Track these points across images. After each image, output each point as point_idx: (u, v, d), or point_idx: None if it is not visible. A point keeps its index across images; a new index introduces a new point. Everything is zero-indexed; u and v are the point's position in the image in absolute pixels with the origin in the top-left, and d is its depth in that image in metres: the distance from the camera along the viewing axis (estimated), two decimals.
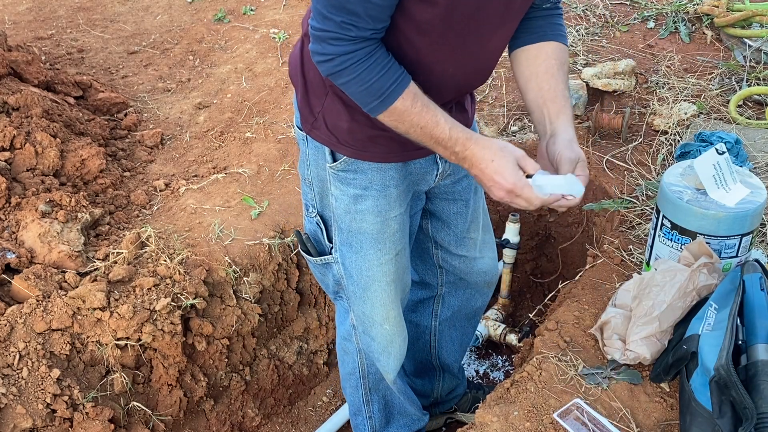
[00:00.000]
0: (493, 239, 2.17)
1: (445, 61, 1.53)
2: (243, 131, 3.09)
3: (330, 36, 1.37)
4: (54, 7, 4.25)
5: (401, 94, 1.43)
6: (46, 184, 2.54)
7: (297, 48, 1.71)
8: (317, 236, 1.88)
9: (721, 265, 1.92)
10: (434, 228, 2.01)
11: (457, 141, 1.48)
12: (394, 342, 1.95)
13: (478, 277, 2.15)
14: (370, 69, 1.40)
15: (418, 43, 1.47)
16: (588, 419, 1.75)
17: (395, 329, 1.94)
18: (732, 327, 1.68)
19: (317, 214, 1.84)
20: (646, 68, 3.30)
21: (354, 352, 2.07)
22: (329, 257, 1.88)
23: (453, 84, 1.61)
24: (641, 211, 2.48)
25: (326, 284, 1.99)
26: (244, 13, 4.09)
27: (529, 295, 3.19)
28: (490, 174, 1.48)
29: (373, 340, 1.96)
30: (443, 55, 1.52)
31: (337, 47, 1.38)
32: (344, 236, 1.80)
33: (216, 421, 2.49)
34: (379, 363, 2.02)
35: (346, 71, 1.40)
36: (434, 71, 1.54)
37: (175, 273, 2.29)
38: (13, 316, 2.12)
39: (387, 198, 1.73)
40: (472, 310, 2.27)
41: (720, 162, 1.91)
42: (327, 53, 1.40)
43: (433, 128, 1.47)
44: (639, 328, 1.86)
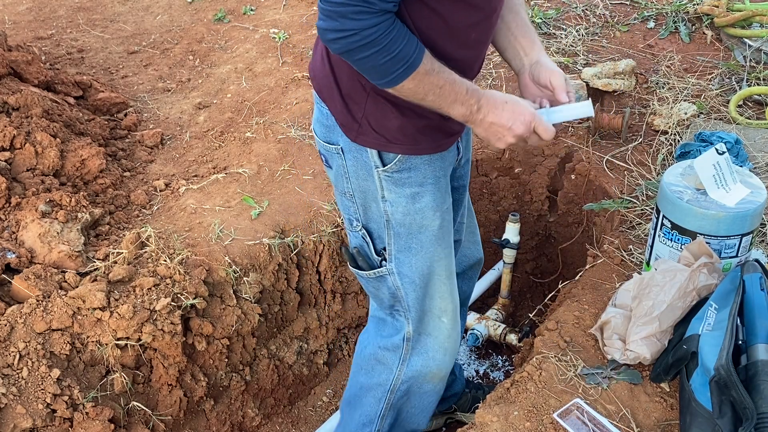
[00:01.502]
0: (474, 222, 2.19)
1: (473, 25, 1.54)
2: (243, 131, 3.09)
3: (352, 10, 1.34)
4: (54, 7, 4.25)
5: (423, 58, 1.43)
6: (46, 184, 2.54)
7: (320, 58, 1.66)
8: (364, 250, 1.85)
9: (721, 265, 1.92)
10: None
11: (473, 94, 1.52)
12: (451, 336, 1.95)
13: (462, 262, 2.15)
14: (395, 39, 1.39)
15: (447, 10, 1.47)
16: (588, 419, 1.75)
17: (452, 323, 1.93)
18: (732, 327, 1.68)
19: (362, 227, 1.81)
20: (646, 68, 3.30)
21: (394, 364, 1.97)
22: (383, 269, 1.83)
23: (480, 52, 1.64)
24: (641, 211, 2.48)
25: (381, 299, 1.91)
26: (244, 13, 4.09)
27: (529, 295, 3.19)
28: (508, 114, 1.54)
29: (430, 337, 1.92)
30: (472, 18, 1.52)
31: (360, 21, 1.35)
32: (403, 242, 1.77)
33: (216, 421, 2.49)
34: (433, 362, 1.95)
35: (370, 44, 1.37)
36: (469, 39, 1.56)
37: (175, 273, 2.29)
38: (13, 316, 2.12)
39: (440, 190, 1.74)
40: (461, 300, 2.25)
41: (720, 162, 1.91)
42: (347, 29, 1.36)
43: (452, 86, 1.49)
44: (639, 328, 1.86)
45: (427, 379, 1.98)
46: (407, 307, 1.87)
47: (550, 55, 3.37)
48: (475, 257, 2.22)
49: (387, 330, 1.97)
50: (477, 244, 2.21)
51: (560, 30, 3.61)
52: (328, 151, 1.74)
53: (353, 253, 1.86)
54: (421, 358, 1.95)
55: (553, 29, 3.62)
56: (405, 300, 1.86)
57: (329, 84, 1.63)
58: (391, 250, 1.79)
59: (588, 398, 1.81)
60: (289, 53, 3.64)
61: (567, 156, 2.91)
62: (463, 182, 1.97)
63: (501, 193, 3.06)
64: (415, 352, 1.95)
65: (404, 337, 1.92)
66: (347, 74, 1.57)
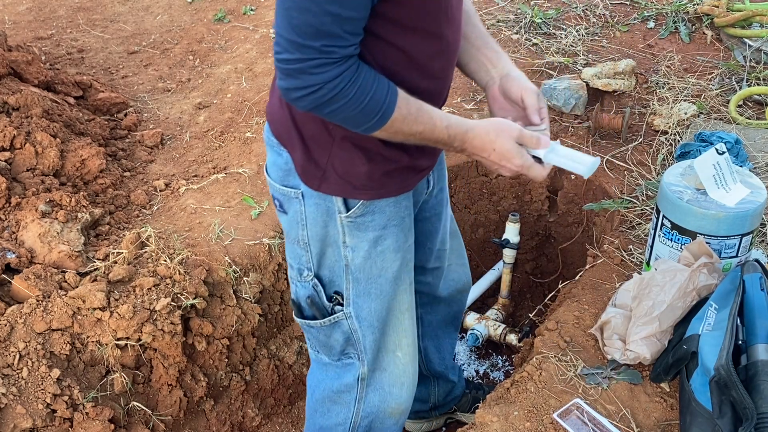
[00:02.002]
0: (461, 245, 2.12)
1: (436, 55, 1.47)
2: (243, 131, 3.09)
3: (311, 65, 1.27)
4: (54, 7, 4.25)
5: (396, 102, 1.37)
6: (46, 184, 2.54)
7: (278, 101, 1.57)
8: (315, 300, 1.75)
9: (721, 265, 1.92)
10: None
11: (455, 138, 1.46)
12: (407, 371, 1.88)
13: (449, 287, 2.10)
14: (362, 87, 1.32)
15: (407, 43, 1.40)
16: (588, 419, 1.75)
17: (409, 357, 1.87)
18: (732, 327, 1.68)
19: (314, 276, 1.72)
20: (646, 68, 3.30)
21: (351, 404, 1.89)
22: (338, 315, 1.74)
23: (446, 80, 1.57)
24: (641, 211, 2.48)
25: (330, 346, 1.82)
26: (244, 13, 4.09)
27: (529, 295, 3.19)
28: (495, 160, 1.49)
29: (385, 372, 1.85)
30: (433, 47, 1.45)
31: (322, 75, 1.28)
32: (362, 287, 1.70)
33: (216, 421, 2.49)
34: (390, 396, 1.88)
35: (337, 97, 1.30)
36: (433, 69, 1.49)
37: (175, 273, 2.29)
38: (13, 316, 2.12)
39: (404, 230, 1.69)
40: (451, 317, 2.22)
41: (720, 162, 1.91)
42: (310, 85, 1.28)
43: (432, 131, 1.43)
44: (639, 328, 1.86)
45: (387, 414, 1.91)
46: (363, 349, 1.80)
47: (550, 55, 3.37)
48: (463, 281, 2.16)
49: (336, 372, 1.88)
50: (465, 266, 2.15)
51: (560, 30, 3.61)
52: (285, 195, 1.64)
53: (307, 303, 1.75)
54: (377, 395, 1.88)
55: (553, 29, 3.62)
56: (362, 342, 1.79)
57: (288, 129, 1.55)
58: (349, 295, 1.72)
59: (588, 398, 1.81)
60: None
61: None
62: (437, 211, 1.90)
63: (501, 193, 3.06)
64: (371, 389, 1.87)
65: (358, 377, 1.85)
66: (311, 119, 1.49)
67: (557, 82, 3.07)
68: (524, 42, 3.51)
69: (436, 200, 1.89)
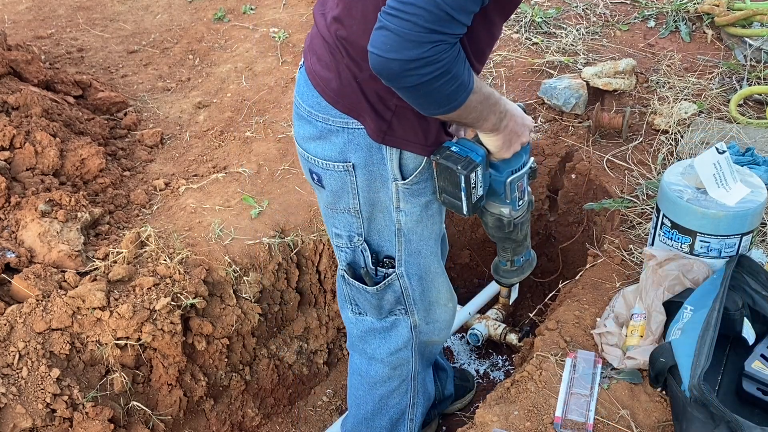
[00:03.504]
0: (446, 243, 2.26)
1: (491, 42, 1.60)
2: (243, 130, 3.09)
3: (449, 39, 1.30)
4: (54, 7, 4.25)
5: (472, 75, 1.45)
6: (46, 184, 2.53)
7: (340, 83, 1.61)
8: (361, 263, 1.88)
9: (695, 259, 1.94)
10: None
11: (499, 101, 1.57)
12: (450, 313, 2.08)
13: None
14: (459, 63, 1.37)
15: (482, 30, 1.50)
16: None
17: (451, 302, 2.07)
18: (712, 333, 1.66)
19: (363, 240, 1.84)
20: (647, 67, 3.30)
21: (409, 358, 2.07)
22: (391, 278, 1.88)
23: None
24: (642, 210, 2.48)
25: (380, 307, 1.96)
26: (244, 12, 4.09)
27: (530, 295, 3.19)
28: (520, 122, 1.66)
29: (437, 323, 2.04)
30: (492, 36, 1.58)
31: (449, 51, 1.32)
32: (413, 246, 1.83)
33: (216, 421, 2.49)
34: (438, 335, 2.09)
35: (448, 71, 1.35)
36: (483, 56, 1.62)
37: (175, 272, 2.29)
38: (13, 316, 2.12)
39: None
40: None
41: (720, 161, 1.91)
42: (439, 59, 1.31)
43: (489, 97, 1.53)
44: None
45: (433, 342, 2.13)
46: (413, 302, 1.95)
47: (551, 54, 3.37)
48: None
49: (386, 333, 2.03)
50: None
51: (560, 29, 3.61)
52: (328, 170, 1.73)
53: (363, 273, 1.89)
54: (427, 337, 2.07)
55: (554, 28, 3.61)
56: (411, 297, 1.94)
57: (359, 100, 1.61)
58: (401, 256, 1.85)
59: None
60: (289, 52, 3.64)
61: (567, 155, 2.91)
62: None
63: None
64: (423, 335, 2.05)
65: (410, 326, 2.00)
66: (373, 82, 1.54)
67: (557, 82, 3.07)
68: (524, 41, 3.50)
69: None
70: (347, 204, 1.78)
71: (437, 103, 1.42)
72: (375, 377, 2.11)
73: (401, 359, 2.07)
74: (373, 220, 1.80)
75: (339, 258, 1.93)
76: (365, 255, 1.86)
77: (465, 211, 1.68)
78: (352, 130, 1.64)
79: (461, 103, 1.43)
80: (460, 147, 1.65)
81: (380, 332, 2.03)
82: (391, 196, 1.74)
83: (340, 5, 1.55)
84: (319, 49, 1.65)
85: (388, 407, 2.17)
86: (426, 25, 1.27)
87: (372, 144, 1.65)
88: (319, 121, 1.67)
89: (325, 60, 1.63)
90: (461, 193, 1.64)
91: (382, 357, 2.06)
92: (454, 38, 1.31)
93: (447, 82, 1.36)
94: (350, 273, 1.92)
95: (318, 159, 1.73)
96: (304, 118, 1.71)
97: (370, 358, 2.09)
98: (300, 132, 1.75)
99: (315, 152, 1.72)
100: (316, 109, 1.67)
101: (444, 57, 1.31)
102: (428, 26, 1.27)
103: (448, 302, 2.04)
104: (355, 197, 1.75)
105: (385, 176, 1.70)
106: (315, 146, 1.71)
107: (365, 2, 1.47)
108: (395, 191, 1.73)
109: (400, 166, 1.68)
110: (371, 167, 1.69)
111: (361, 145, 1.65)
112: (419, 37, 1.28)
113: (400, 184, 1.71)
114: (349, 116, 1.63)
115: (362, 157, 1.67)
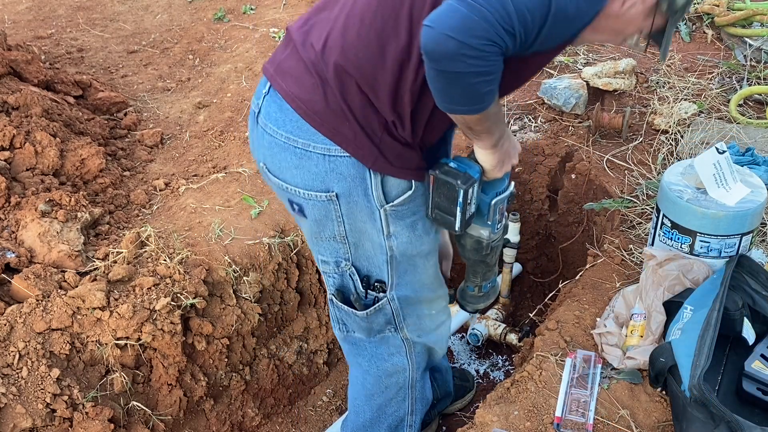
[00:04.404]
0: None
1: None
2: (243, 130, 3.09)
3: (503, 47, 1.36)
4: (53, 7, 4.25)
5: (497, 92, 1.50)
6: (46, 184, 2.53)
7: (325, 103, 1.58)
8: (350, 288, 1.85)
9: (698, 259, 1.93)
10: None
11: (503, 119, 1.63)
12: (445, 324, 2.06)
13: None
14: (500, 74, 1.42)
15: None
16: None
17: (444, 314, 2.05)
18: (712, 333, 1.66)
19: (351, 265, 1.81)
20: (647, 67, 3.30)
21: (405, 366, 2.05)
22: (381, 303, 1.85)
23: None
24: (642, 210, 2.48)
25: (370, 329, 1.94)
26: (244, 12, 4.09)
27: (530, 295, 3.19)
28: (514, 142, 1.74)
29: (430, 335, 2.01)
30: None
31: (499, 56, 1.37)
32: (402, 267, 1.81)
33: (216, 421, 2.49)
34: (437, 342, 2.07)
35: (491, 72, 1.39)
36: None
37: (175, 272, 2.29)
38: (13, 316, 2.12)
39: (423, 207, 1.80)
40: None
41: (720, 161, 1.91)
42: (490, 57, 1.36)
43: (501, 111, 1.62)
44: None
45: (433, 353, 2.11)
46: (403, 319, 1.92)
47: None
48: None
49: (376, 344, 2.00)
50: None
51: None
52: (309, 200, 1.69)
53: (354, 299, 1.86)
54: (422, 343, 2.03)
55: None
56: (401, 315, 1.91)
57: (342, 117, 1.58)
58: (392, 281, 1.82)
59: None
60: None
61: (567, 155, 2.91)
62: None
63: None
64: (417, 346, 2.02)
65: (401, 338, 1.97)
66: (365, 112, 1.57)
67: (557, 81, 3.07)
68: None
69: None
70: (332, 231, 1.74)
71: (467, 99, 1.43)
72: (371, 389, 2.10)
73: (396, 367, 2.04)
74: (361, 246, 1.77)
75: (327, 283, 1.90)
76: (354, 279, 1.83)
77: (457, 227, 1.69)
78: (334, 158, 1.61)
79: (486, 107, 1.46)
80: (457, 163, 1.68)
81: (370, 347, 2.01)
82: (380, 225, 1.71)
83: (339, 33, 1.54)
84: (295, 71, 1.60)
85: (386, 416, 2.15)
86: (495, 23, 1.31)
87: (355, 174, 1.62)
88: (298, 147, 1.62)
89: (305, 83, 1.59)
90: (457, 208, 1.66)
91: (376, 369, 2.05)
92: (506, 49, 1.35)
93: (486, 81, 1.39)
94: (339, 297, 1.88)
95: (298, 189, 1.68)
96: (279, 146, 1.65)
97: (365, 371, 2.07)
98: (275, 163, 1.69)
99: (294, 181, 1.67)
100: (295, 134, 1.62)
101: (494, 58, 1.35)
102: (498, 25, 1.31)
103: (441, 314, 2.01)
104: (341, 224, 1.72)
105: (371, 207, 1.68)
106: (294, 175, 1.66)
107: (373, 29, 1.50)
108: (383, 217, 1.70)
109: (384, 192, 1.66)
110: (356, 197, 1.66)
111: (344, 175, 1.62)
112: (486, 31, 1.31)
113: (388, 207, 1.68)
114: (332, 141, 1.59)
115: (345, 187, 1.64)
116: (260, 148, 1.72)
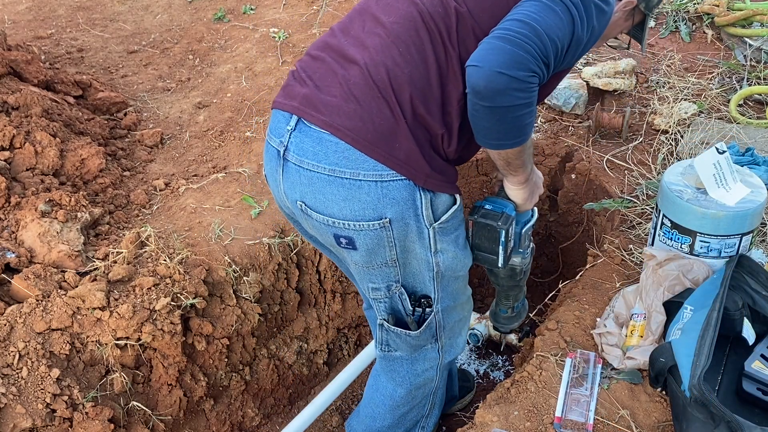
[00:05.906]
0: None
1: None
2: (243, 130, 3.09)
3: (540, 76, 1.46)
4: (53, 7, 4.25)
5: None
6: (46, 184, 2.53)
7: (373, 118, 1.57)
8: (400, 309, 1.84)
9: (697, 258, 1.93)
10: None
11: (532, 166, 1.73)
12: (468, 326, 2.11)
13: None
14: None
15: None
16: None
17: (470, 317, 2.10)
18: (712, 333, 1.66)
19: (401, 285, 1.80)
20: (647, 67, 3.30)
21: (434, 377, 2.06)
22: (430, 319, 1.86)
23: None
24: (642, 210, 2.48)
25: (417, 346, 1.94)
26: (244, 12, 4.09)
27: (530, 295, 3.19)
28: (539, 173, 1.82)
29: (460, 336, 2.04)
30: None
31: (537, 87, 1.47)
32: (446, 281, 1.82)
33: (216, 421, 2.49)
34: (459, 349, 2.08)
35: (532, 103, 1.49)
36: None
37: (175, 273, 2.29)
38: (13, 316, 2.12)
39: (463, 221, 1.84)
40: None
41: (720, 161, 1.91)
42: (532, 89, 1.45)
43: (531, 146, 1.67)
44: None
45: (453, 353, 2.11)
46: (442, 329, 1.93)
47: None
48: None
49: (414, 362, 2.01)
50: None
51: None
52: (362, 230, 1.64)
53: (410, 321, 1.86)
54: (450, 353, 2.05)
55: None
56: (441, 326, 1.92)
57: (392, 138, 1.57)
58: (438, 295, 1.83)
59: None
60: (289, 52, 3.63)
61: (567, 155, 2.91)
62: None
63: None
64: (447, 355, 2.03)
65: (438, 348, 1.98)
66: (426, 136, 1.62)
67: None
68: None
69: None
70: (384, 258, 1.72)
71: (513, 132, 1.51)
72: (399, 401, 2.11)
73: (426, 379, 2.06)
74: (408, 265, 1.76)
75: (378, 309, 1.87)
76: (402, 299, 1.82)
77: (500, 264, 1.73)
78: (386, 183, 1.58)
79: (525, 139, 1.54)
80: (492, 204, 1.73)
81: (407, 364, 2.02)
82: (428, 243, 1.71)
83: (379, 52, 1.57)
84: (332, 101, 1.58)
85: (405, 421, 2.17)
86: (536, 55, 1.42)
87: (407, 197, 1.61)
88: (346, 178, 1.58)
89: (346, 110, 1.56)
90: (499, 247, 1.71)
91: (409, 384, 2.06)
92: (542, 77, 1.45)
93: (528, 113, 1.48)
94: (392, 321, 1.87)
95: (348, 221, 1.63)
96: (322, 180, 1.60)
97: (397, 385, 2.07)
98: (318, 198, 1.63)
99: (343, 214, 1.62)
100: (342, 165, 1.57)
101: (535, 88, 1.45)
102: (537, 56, 1.42)
103: (468, 316, 2.05)
104: (392, 249, 1.70)
105: (420, 227, 1.67)
106: (342, 207, 1.61)
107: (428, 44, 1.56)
108: (432, 235, 1.69)
109: (432, 211, 1.66)
110: (407, 220, 1.65)
111: (397, 199, 1.60)
112: (529, 62, 1.41)
113: (436, 225, 1.68)
114: (385, 166, 1.57)
115: (398, 212, 1.62)
116: (297, 186, 1.66)
